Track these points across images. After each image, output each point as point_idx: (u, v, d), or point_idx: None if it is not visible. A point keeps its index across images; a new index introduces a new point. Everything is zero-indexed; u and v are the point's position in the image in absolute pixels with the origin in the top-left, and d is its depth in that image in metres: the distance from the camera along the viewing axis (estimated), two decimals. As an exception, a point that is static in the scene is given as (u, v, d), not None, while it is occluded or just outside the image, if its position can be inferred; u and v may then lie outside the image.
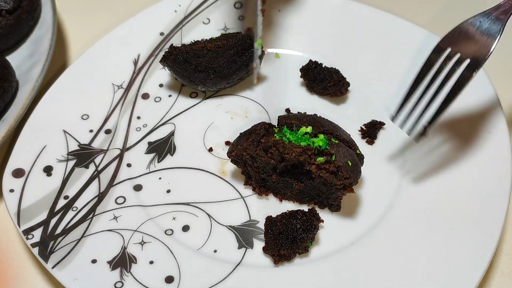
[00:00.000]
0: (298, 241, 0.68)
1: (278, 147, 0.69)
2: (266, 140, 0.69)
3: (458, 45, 0.70)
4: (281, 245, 0.68)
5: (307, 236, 0.68)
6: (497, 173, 0.73)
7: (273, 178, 0.72)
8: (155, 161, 0.81)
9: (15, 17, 0.92)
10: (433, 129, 0.79)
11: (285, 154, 0.68)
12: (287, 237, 0.69)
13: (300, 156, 0.68)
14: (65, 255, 0.69)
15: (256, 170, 0.73)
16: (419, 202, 0.73)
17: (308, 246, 0.69)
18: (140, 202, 0.76)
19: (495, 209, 0.70)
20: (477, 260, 0.66)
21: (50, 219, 0.72)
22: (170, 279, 0.68)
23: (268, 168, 0.72)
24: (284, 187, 0.74)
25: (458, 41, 0.70)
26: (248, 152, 0.71)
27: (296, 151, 0.68)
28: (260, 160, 0.71)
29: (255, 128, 0.74)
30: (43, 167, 0.78)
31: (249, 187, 0.77)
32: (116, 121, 0.85)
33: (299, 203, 0.76)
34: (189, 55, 0.82)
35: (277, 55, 0.92)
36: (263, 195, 0.76)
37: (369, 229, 0.72)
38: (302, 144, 0.69)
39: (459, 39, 0.70)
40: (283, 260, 0.69)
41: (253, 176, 0.75)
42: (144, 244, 0.71)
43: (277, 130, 0.72)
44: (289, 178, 0.72)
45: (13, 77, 0.86)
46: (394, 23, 0.92)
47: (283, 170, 0.72)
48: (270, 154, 0.70)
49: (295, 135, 0.70)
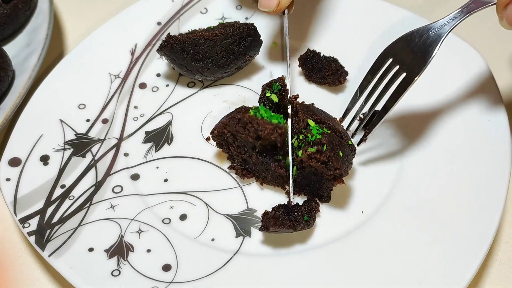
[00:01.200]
0: (295, 213, 0.68)
1: (253, 123, 0.69)
2: (242, 116, 0.70)
3: (398, 57, 0.72)
4: (276, 210, 0.68)
5: (304, 210, 0.68)
6: (496, 161, 0.73)
7: (253, 159, 0.72)
8: (153, 150, 0.81)
9: (12, 6, 0.91)
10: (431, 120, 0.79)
11: (259, 131, 0.68)
12: (285, 212, 0.68)
13: (272, 135, 0.68)
14: (61, 243, 0.68)
15: (238, 150, 0.74)
16: (417, 191, 0.73)
17: (304, 218, 0.68)
18: (137, 191, 0.76)
19: (494, 197, 0.70)
20: (476, 248, 0.66)
21: (46, 208, 0.72)
22: (168, 267, 0.68)
23: (248, 147, 0.72)
24: (265, 170, 0.74)
25: (399, 52, 0.72)
26: (228, 129, 0.72)
27: (268, 128, 0.68)
28: (240, 137, 0.71)
29: (235, 110, 0.75)
30: (40, 156, 0.77)
31: (233, 171, 0.77)
32: (113, 110, 0.84)
33: (281, 188, 0.75)
34: (186, 44, 0.82)
35: (275, 44, 0.92)
36: (245, 178, 0.76)
37: (368, 217, 0.72)
38: (274, 121, 0.69)
39: (399, 50, 0.72)
40: (277, 225, 0.66)
41: (236, 158, 0.75)
42: (142, 232, 0.71)
43: (254, 107, 0.73)
44: (267, 159, 0.72)
45: (9, 66, 0.85)
46: (392, 12, 0.91)
47: (263, 150, 0.72)
48: (247, 130, 0.70)
49: (269, 112, 0.71)
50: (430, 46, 0.70)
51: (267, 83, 0.77)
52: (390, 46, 0.73)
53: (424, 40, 0.71)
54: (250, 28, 0.83)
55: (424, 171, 0.75)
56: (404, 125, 0.80)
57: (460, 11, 0.71)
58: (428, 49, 0.70)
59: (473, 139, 0.76)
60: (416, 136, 0.79)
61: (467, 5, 0.71)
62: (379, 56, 0.74)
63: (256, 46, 0.85)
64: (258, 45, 0.85)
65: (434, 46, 0.70)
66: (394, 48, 0.73)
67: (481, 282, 0.71)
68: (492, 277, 0.71)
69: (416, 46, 0.71)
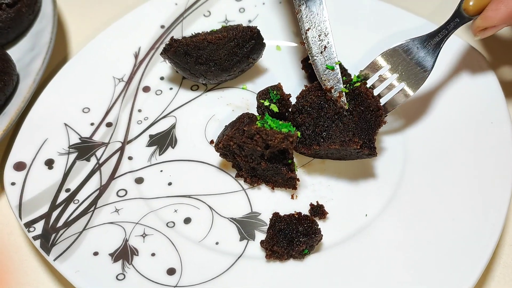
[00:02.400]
0: (295, 244, 0.68)
1: (261, 134, 0.69)
2: (249, 128, 0.70)
3: (396, 66, 0.76)
4: (276, 242, 0.68)
5: (305, 242, 0.67)
6: (500, 164, 0.73)
7: (262, 166, 0.72)
8: (156, 153, 0.81)
9: (15, 10, 0.91)
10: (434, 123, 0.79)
11: (269, 140, 0.69)
12: (286, 236, 0.68)
13: (283, 143, 0.68)
14: (66, 247, 0.69)
15: (245, 160, 0.73)
16: (420, 194, 0.73)
17: (304, 252, 0.68)
18: (141, 194, 0.76)
19: (498, 199, 0.69)
20: (480, 251, 0.66)
21: (51, 212, 0.72)
22: (172, 271, 0.68)
23: (256, 155, 0.72)
24: (274, 174, 0.74)
25: (396, 62, 0.76)
26: (234, 141, 0.71)
27: (278, 137, 0.68)
28: (247, 147, 0.71)
29: (238, 118, 0.74)
30: (44, 160, 0.78)
31: (241, 179, 0.77)
32: (117, 114, 0.85)
33: (292, 189, 0.76)
34: (190, 48, 0.82)
35: (278, 47, 0.92)
36: (255, 184, 0.76)
37: (371, 220, 0.72)
38: (283, 130, 0.69)
39: (397, 60, 0.76)
40: (275, 257, 0.68)
41: (243, 166, 0.75)
42: (146, 236, 0.71)
43: (259, 118, 0.72)
44: (277, 164, 0.72)
45: (13, 71, 0.86)
46: (395, 14, 0.91)
47: (271, 157, 0.72)
48: (255, 141, 0.70)
49: (277, 121, 0.71)
50: (425, 62, 0.75)
51: (263, 91, 0.77)
52: (387, 53, 0.76)
53: (420, 53, 0.75)
54: (253, 31, 0.83)
55: (427, 173, 0.75)
56: (406, 127, 0.80)
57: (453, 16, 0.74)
58: (425, 65, 0.75)
59: (476, 142, 0.76)
60: (418, 139, 0.79)
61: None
62: (377, 59, 0.76)
63: (259, 49, 0.85)
64: (261, 48, 0.85)
65: (430, 63, 0.74)
66: (391, 56, 0.76)
67: (486, 285, 0.71)
68: (497, 280, 0.71)
69: (415, 58, 0.75)
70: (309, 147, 0.73)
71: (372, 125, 0.73)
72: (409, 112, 0.81)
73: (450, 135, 0.78)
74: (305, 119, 0.74)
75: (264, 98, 0.76)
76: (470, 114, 0.79)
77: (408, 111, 0.81)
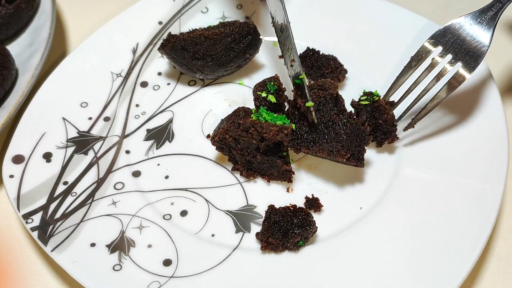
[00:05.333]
0: (289, 235, 0.68)
1: (256, 127, 0.69)
2: (244, 121, 0.70)
3: (449, 46, 0.73)
4: (271, 233, 0.69)
5: (299, 233, 0.68)
6: (493, 157, 0.73)
7: (257, 159, 0.73)
8: (154, 147, 0.82)
9: (15, 6, 0.92)
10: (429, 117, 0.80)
11: (264, 133, 0.69)
12: (281, 228, 0.69)
13: (278, 135, 0.69)
14: (64, 238, 0.69)
15: (240, 153, 0.74)
16: (414, 187, 0.74)
17: (299, 243, 0.69)
18: (138, 187, 0.77)
19: (491, 192, 0.70)
20: (473, 242, 0.66)
21: (49, 204, 0.73)
22: (168, 262, 0.68)
23: (252, 148, 0.73)
24: (270, 167, 0.75)
25: (449, 41, 0.73)
26: (230, 134, 0.72)
27: (273, 130, 0.69)
28: (242, 140, 0.72)
29: (234, 112, 0.75)
30: (43, 153, 0.78)
31: (237, 173, 0.78)
32: (115, 108, 0.85)
33: (288, 182, 0.76)
34: (187, 43, 0.82)
35: (275, 43, 0.92)
36: (251, 178, 0.77)
37: (366, 213, 0.73)
38: (278, 123, 0.69)
39: (450, 39, 0.73)
40: (269, 248, 0.69)
41: (239, 160, 0.76)
42: (143, 228, 0.72)
43: (254, 111, 0.73)
44: (273, 157, 0.73)
45: (12, 65, 0.87)
46: (392, 11, 0.92)
47: (267, 149, 0.73)
48: (250, 134, 0.70)
49: (272, 114, 0.71)
50: (481, 36, 0.71)
51: (260, 83, 0.77)
52: (438, 34, 0.74)
53: (474, 28, 0.71)
54: (250, 27, 0.84)
55: (421, 167, 0.76)
56: (400, 122, 0.81)
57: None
58: (481, 39, 0.71)
59: (471, 136, 0.77)
60: (413, 133, 0.79)
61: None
62: (425, 44, 0.75)
63: (256, 44, 0.86)
64: (258, 43, 0.86)
65: (488, 35, 0.70)
66: (441, 36, 0.73)
67: (479, 278, 0.71)
68: (490, 271, 0.72)
69: (470, 33, 0.71)
70: (298, 149, 0.74)
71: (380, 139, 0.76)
72: (404, 107, 0.82)
73: (445, 129, 0.79)
74: (301, 118, 0.75)
75: (261, 90, 0.76)
76: (464, 108, 0.80)
77: (403, 105, 0.82)
